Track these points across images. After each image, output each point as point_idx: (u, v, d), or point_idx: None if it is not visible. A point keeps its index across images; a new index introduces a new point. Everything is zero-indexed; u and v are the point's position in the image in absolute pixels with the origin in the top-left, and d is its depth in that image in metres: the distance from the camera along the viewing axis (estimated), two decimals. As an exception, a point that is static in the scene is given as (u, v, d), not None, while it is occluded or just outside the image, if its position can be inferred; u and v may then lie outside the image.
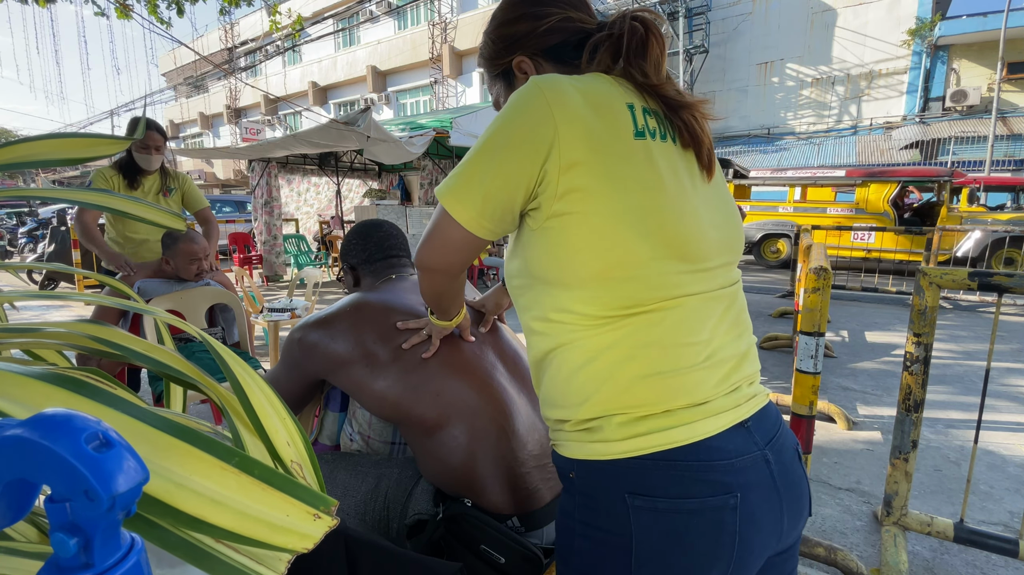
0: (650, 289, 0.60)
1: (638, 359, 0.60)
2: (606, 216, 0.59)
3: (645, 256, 0.59)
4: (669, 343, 0.60)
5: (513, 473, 0.88)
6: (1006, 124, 12.86)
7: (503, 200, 0.61)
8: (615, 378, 0.60)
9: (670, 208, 0.61)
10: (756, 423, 0.64)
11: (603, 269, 0.59)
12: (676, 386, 0.60)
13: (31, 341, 0.54)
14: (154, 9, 4.74)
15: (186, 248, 2.12)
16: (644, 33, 0.66)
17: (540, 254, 0.63)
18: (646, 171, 0.60)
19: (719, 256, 0.65)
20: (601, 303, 0.60)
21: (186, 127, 29.42)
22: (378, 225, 1.19)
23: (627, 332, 0.60)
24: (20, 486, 0.27)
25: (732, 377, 0.64)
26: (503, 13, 0.75)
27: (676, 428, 0.59)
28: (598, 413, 0.61)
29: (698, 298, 0.62)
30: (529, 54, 0.74)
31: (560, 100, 0.59)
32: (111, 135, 0.70)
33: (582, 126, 0.59)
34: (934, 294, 1.60)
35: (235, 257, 8.05)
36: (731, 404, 0.63)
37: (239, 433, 0.47)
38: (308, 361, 0.96)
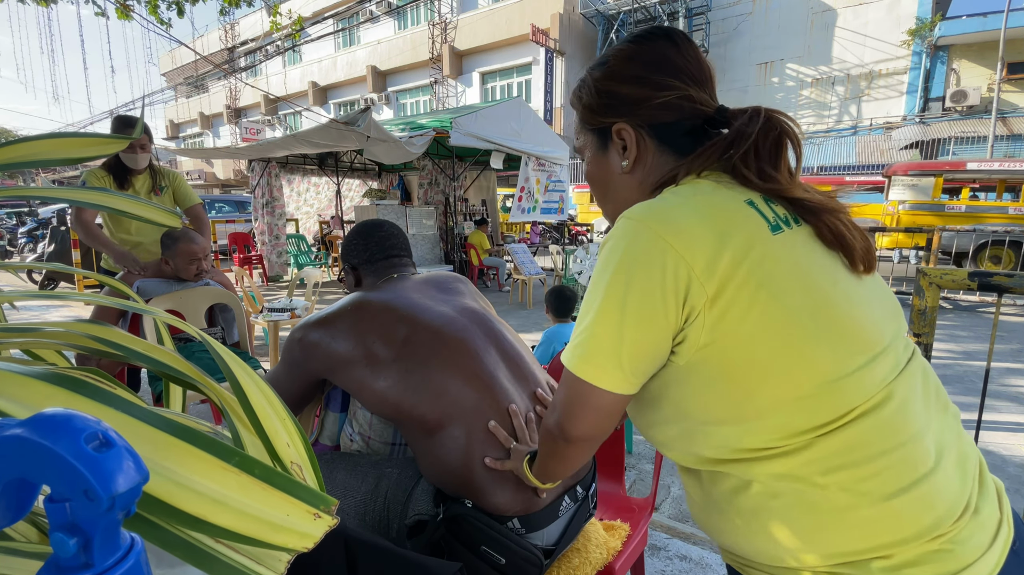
0: (852, 393, 0.50)
1: (872, 477, 0.49)
2: (771, 329, 0.51)
3: (828, 359, 0.51)
4: (895, 445, 0.50)
5: (514, 474, 0.88)
6: (1006, 124, 12.87)
7: (650, 352, 0.55)
8: (851, 508, 0.49)
9: (830, 296, 0.53)
10: (1019, 536, 0.53)
11: (790, 390, 0.51)
12: (930, 501, 0.49)
13: (31, 341, 0.54)
14: (154, 9, 4.74)
15: (186, 248, 2.12)
16: (779, 135, 0.59)
17: (696, 392, 0.55)
18: (796, 266, 0.53)
19: (890, 328, 0.56)
20: (791, 430, 0.51)
21: (186, 127, 29.41)
22: (379, 225, 1.19)
23: (844, 447, 0.50)
24: (20, 486, 0.27)
25: (968, 465, 0.53)
26: (619, 65, 0.66)
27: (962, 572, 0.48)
28: (845, 558, 0.50)
29: (899, 382, 0.53)
30: (635, 124, 0.65)
31: (672, 228, 0.53)
32: (110, 135, 0.70)
33: (710, 244, 0.52)
34: (934, 294, 1.60)
35: (235, 257, 8.04)
36: (993, 517, 0.52)
37: (239, 433, 0.47)
38: (309, 360, 0.96)
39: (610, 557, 1.03)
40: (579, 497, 0.95)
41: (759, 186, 0.57)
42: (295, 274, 7.01)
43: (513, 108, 7.17)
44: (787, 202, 0.58)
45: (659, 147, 0.65)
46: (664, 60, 0.64)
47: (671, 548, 1.66)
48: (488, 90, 17.84)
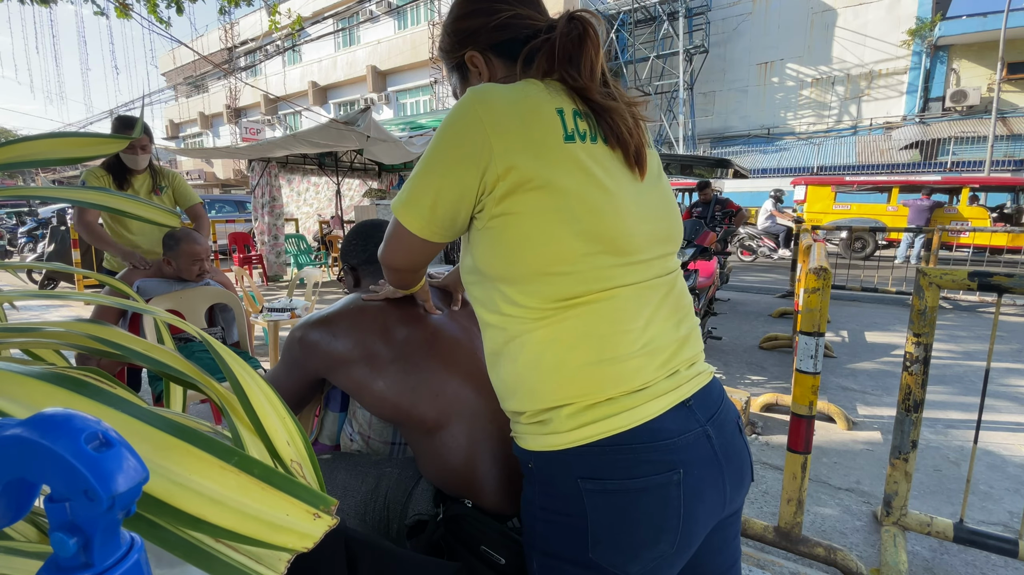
0: (585, 282, 0.64)
1: (579, 349, 0.64)
2: (541, 216, 0.63)
3: (579, 252, 0.63)
4: (606, 332, 0.64)
5: (513, 474, 0.88)
6: (1006, 124, 12.87)
7: (449, 209, 0.66)
8: (560, 370, 0.65)
9: (599, 207, 0.64)
10: (698, 401, 0.68)
11: (541, 265, 0.64)
12: (616, 373, 0.64)
13: (31, 340, 0.54)
14: (154, 8, 4.74)
15: (188, 249, 2.12)
16: (580, 35, 0.68)
17: (486, 251, 0.67)
18: (576, 173, 0.64)
19: (653, 248, 0.69)
20: (542, 296, 0.65)
21: (186, 127, 29.40)
22: (378, 226, 1.19)
23: (568, 325, 0.65)
24: (20, 486, 0.27)
25: (672, 362, 0.68)
26: (459, 7, 0.78)
27: (619, 415, 0.63)
28: (548, 405, 0.65)
29: (632, 288, 0.66)
30: (480, 49, 0.77)
31: (491, 113, 0.62)
32: (110, 135, 0.70)
33: (514, 135, 0.62)
34: (934, 294, 1.60)
35: (235, 257, 8.04)
36: (671, 386, 0.67)
37: (239, 433, 0.47)
38: (308, 360, 0.96)
39: (610, 557, 1.03)
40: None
41: (572, 84, 0.67)
42: (295, 274, 7.01)
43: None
44: (586, 104, 0.68)
45: (505, 63, 0.76)
46: None
47: (671, 548, 1.66)
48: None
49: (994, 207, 9.86)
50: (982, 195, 9.87)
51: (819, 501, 2.05)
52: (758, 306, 5.84)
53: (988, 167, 12.11)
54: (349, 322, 0.95)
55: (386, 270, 0.82)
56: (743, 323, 5.00)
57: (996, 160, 12.53)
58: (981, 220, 9.22)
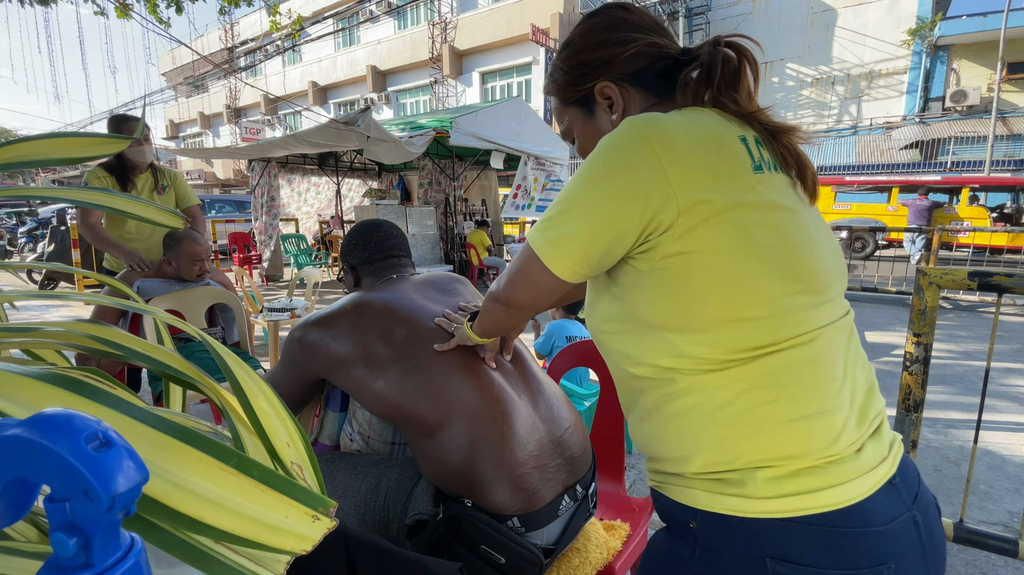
0: (784, 327, 0.56)
1: (783, 402, 0.55)
2: (731, 255, 0.55)
3: (776, 293, 0.56)
4: (811, 381, 0.56)
5: (513, 473, 0.88)
6: (1006, 124, 12.86)
7: (603, 251, 0.59)
8: (760, 425, 0.56)
9: (796, 242, 0.58)
10: (902, 477, 0.59)
11: (731, 310, 0.56)
12: (825, 430, 0.55)
13: (31, 341, 0.54)
14: (153, 8, 4.74)
15: (189, 249, 2.12)
16: (737, 60, 0.63)
17: (652, 296, 0.59)
18: (769, 206, 0.57)
19: (837, 285, 0.62)
20: (728, 346, 0.56)
21: (186, 127, 29.40)
22: (378, 225, 1.19)
23: (764, 372, 0.56)
24: (20, 486, 0.27)
25: (869, 413, 0.60)
26: (581, 39, 0.72)
27: (830, 489, 0.54)
28: (740, 464, 0.56)
29: (831, 329, 0.59)
30: (614, 79, 0.70)
31: (666, 143, 0.56)
32: (110, 134, 0.70)
33: (698, 167, 0.56)
34: (934, 294, 1.60)
35: (235, 257, 8.04)
36: (878, 455, 0.58)
37: (239, 433, 0.47)
38: (308, 360, 0.96)
39: (610, 557, 1.03)
40: (579, 496, 0.95)
41: (736, 111, 0.62)
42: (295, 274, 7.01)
43: (513, 108, 7.17)
44: (759, 127, 0.62)
45: (641, 92, 0.70)
46: (620, 21, 0.70)
47: (671, 548, 1.66)
48: (488, 90, 17.84)
49: (994, 207, 9.87)
50: (982, 195, 9.88)
51: (819, 501, 2.04)
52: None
53: (988, 167, 12.11)
54: (349, 322, 0.95)
55: (506, 309, 0.74)
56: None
57: (996, 160, 12.53)
58: (981, 220, 9.22)
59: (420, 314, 0.98)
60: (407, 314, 0.97)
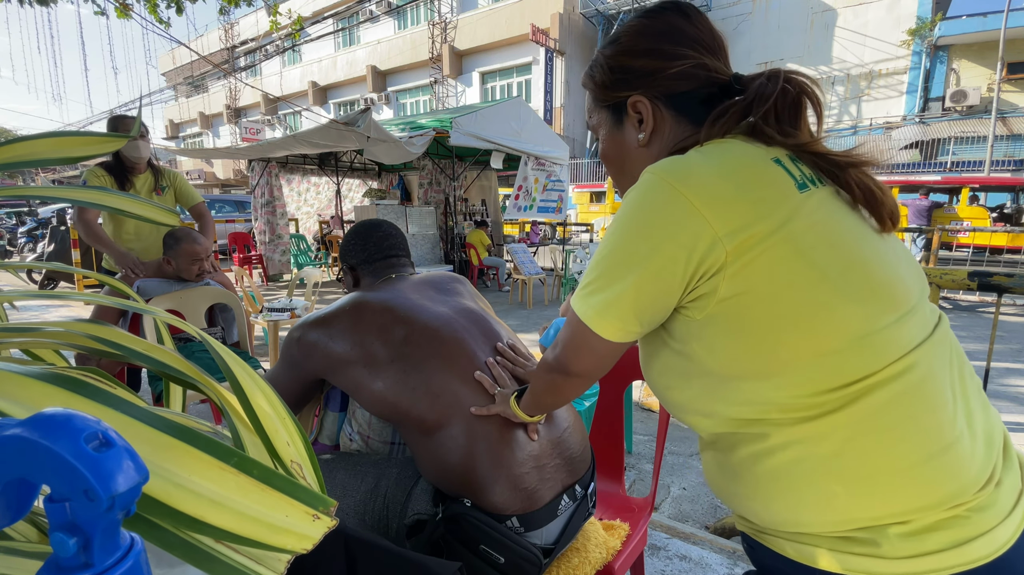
0: (875, 355, 0.50)
1: (897, 444, 0.48)
2: (798, 283, 0.50)
3: (857, 317, 0.50)
4: (924, 414, 0.49)
5: (512, 473, 0.88)
6: (1006, 124, 12.86)
7: (652, 307, 0.56)
8: (877, 476, 0.49)
9: (861, 255, 0.53)
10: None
11: (812, 345, 0.50)
12: (954, 469, 0.48)
13: (31, 340, 0.54)
14: (153, 8, 4.74)
15: (188, 249, 2.12)
16: (797, 95, 0.59)
17: (719, 345, 0.54)
18: (823, 223, 0.53)
19: (917, 290, 0.56)
20: (815, 387, 0.50)
21: (186, 127, 29.40)
22: (377, 225, 1.19)
23: (868, 415, 0.49)
24: (20, 486, 0.27)
25: (994, 435, 0.53)
26: (630, 40, 0.65)
27: (974, 541, 0.47)
28: (865, 522, 0.49)
29: (927, 347, 0.52)
30: (650, 96, 0.65)
31: (693, 184, 0.52)
32: (110, 134, 0.70)
33: (735, 203, 0.52)
34: (934, 294, 1.60)
35: (235, 257, 8.04)
36: (1014, 489, 0.51)
37: (239, 433, 0.47)
38: (307, 360, 0.96)
39: (610, 557, 1.03)
40: (578, 496, 0.95)
41: (782, 142, 0.57)
42: (295, 274, 7.01)
43: (513, 108, 7.17)
44: (812, 157, 0.57)
45: (676, 117, 0.65)
46: (676, 30, 0.63)
47: (671, 548, 1.66)
48: (488, 90, 17.83)
49: (994, 207, 9.87)
50: (982, 195, 9.88)
51: (819, 501, 2.04)
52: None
53: (988, 167, 12.11)
54: (348, 322, 0.95)
55: (564, 378, 0.67)
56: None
57: (996, 160, 12.53)
58: (981, 220, 9.23)
59: (419, 314, 0.98)
60: (406, 314, 0.97)
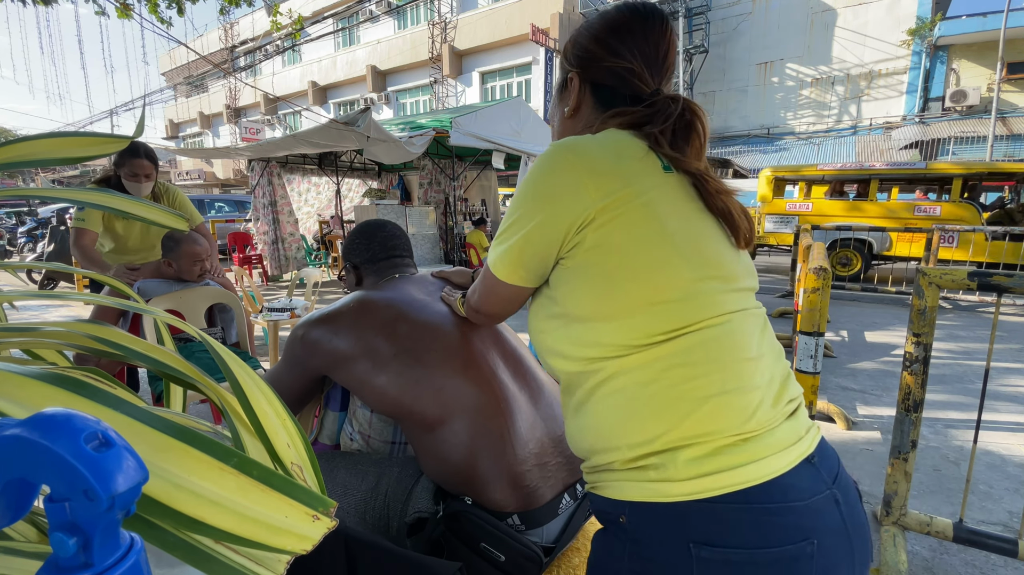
0: (699, 308, 0.60)
1: (701, 378, 0.57)
2: (648, 241, 0.60)
3: (690, 277, 0.60)
4: (729, 359, 0.58)
5: (514, 471, 0.88)
6: (1006, 124, 12.86)
7: (542, 255, 0.65)
8: (678, 402, 0.57)
9: (705, 231, 0.63)
10: (820, 457, 0.60)
11: (649, 295, 0.59)
12: (743, 406, 0.57)
13: (31, 340, 0.54)
14: (154, 8, 4.74)
15: (189, 250, 2.13)
16: (691, 120, 0.67)
17: (577, 290, 0.63)
18: (678, 200, 0.63)
19: (746, 280, 0.66)
20: (646, 330, 0.59)
21: (185, 127, 29.40)
22: (382, 225, 1.20)
23: (681, 350, 0.58)
24: (19, 486, 0.27)
25: (784, 397, 0.62)
26: (598, 25, 0.74)
27: (750, 464, 0.55)
28: (660, 446, 0.57)
29: (742, 315, 0.63)
30: (582, 78, 0.74)
31: (582, 157, 0.62)
32: (110, 134, 0.70)
33: (611, 171, 0.61)
34: (933, 294, 1.60)
35: (235, 257, 8.04)
36: (794, 435, 0.59)
37: (239, 434, 0.47)
38: (310, 357, 0.96)
39: (610, 557, 1.03)
40: (579, 495, 0.95)
41: (667, 154, 0.65)
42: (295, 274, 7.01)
43: (513, 108, 7.17)
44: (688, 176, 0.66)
45: (594, 105, 0.74)
46: (627, 32, 0.71)
47: (671, 548, 1.66)
48: (488, 90, 17.84)
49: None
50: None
51: (819, 501, 2.04)
52: (758, 306, 5.83)
53: (988, 167, 12.10)
54: (351, 319, 0.95)
55: (481, 316, 0.84)
56: (743, 323, 4.99)
57: (996, 160, 12.53)
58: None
59: (422, 311, 0.98)
60: (409, 310, 0.97)
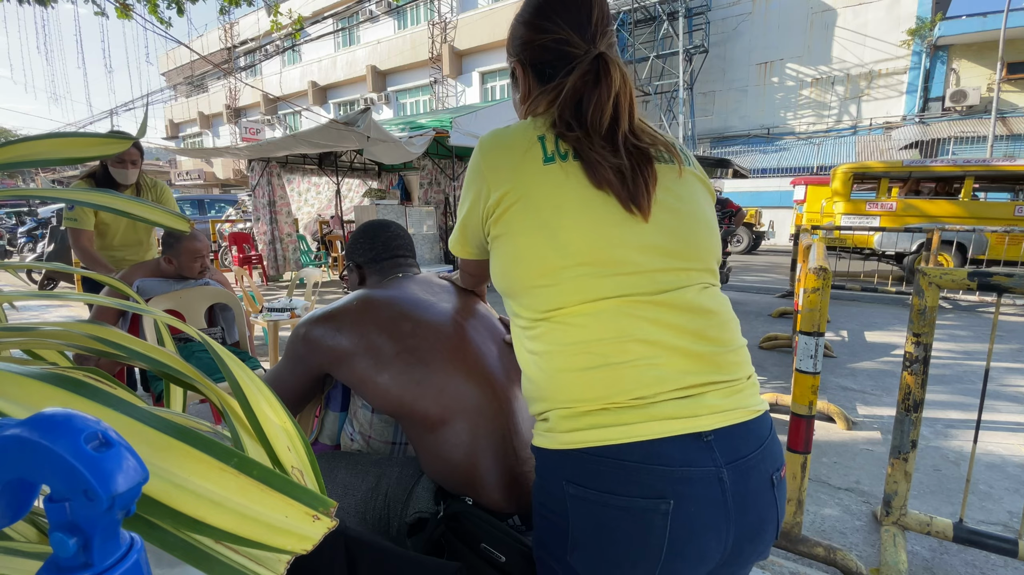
0: (569, 294, 0.66)
1: (570, 356, 0.66)
2: (525, 234, 0.68)
3: (557, 265, 0.66)
4: (593, 340, 0.65)
5: (514, 471, 0.88)
6: (1005, 124, 12.87)
7: (473, 236, 0.78)
8: (557, 374, 0.67)
9: (577, 221, 0.67)
10: (721, 439, 0.63)
11: (530, 278, 0.69)
12: (610, 380, 0.64)
13: (30, 340, 0.54)
14: (154, 8, 4.74)
15: (190, 246, 2.12)
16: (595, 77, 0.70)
17: (494, 268, 0.75)
18: (552, 191, 0.68)
19: (651, 262, 0.67)
20: (534, 308, 0.69)
21: (185, 127, 29.39)
22: (386, 225, 1.20)
23: (560, 332, 0.67)
24: (19, 486, 0.27)
25: (686, 380, 0.64)
26: (524, 9, 0.77)
27: (614, 427, 0.63)
28: (547, 407, 0.68)
29: (629, 300, 0.66)
30: (523, 63, 0.78)
31: (486, 156, 0.72)
32: (110, 134, 0.70)
33: (503, 168, 0.70)
34: (933, 294, 1.60)
35: (235, 257, 8.03)
36: (686, 411, 0.63)
37: (239, 436, 0.47)
38: (312, 355, 0.96)
39: (610, 557, 1.03)
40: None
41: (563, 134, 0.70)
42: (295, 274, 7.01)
43: (513, 108, 7.16)
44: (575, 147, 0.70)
45: (537, 82, 0.77)
46: (548, 7, 0.74)
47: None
48: (488, 90, 17.83)
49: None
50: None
51: (819, 501, 2.05)
52: (758, 306, 5.85)
53: (988, 167, 12.10)
54: (353, 317, 0.95)
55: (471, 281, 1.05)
56: (743, 323, 4.99)
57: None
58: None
59: (424, 310, 0.98)
60: (412, 309, 0.97)
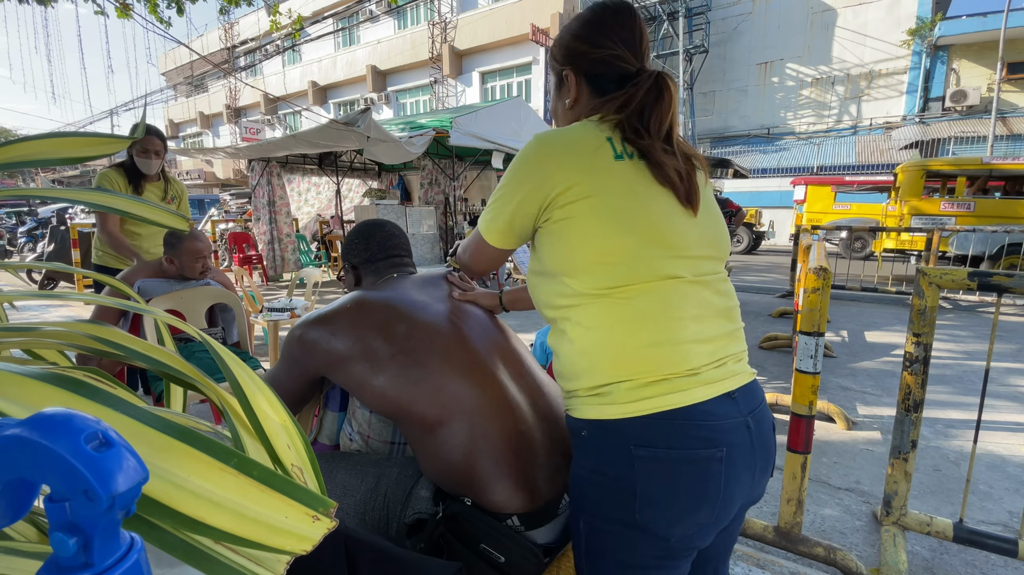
0: (637, 271, 0.74)
1: (636, 332, 0.73)
2: (595, 218, 0.75)
3: (630, 246, 0.74)
4: (660, 317, 0.73)
5: (513, 471, 0.88)
6: (1006, 124, 12.87)
7: (520, 225, 0.81)
8: (621, 349, 0.73)
9: (646, 209, 0.76)
10: (742, 395, 0.77)
11: (599, 256, 0.74)
12: (671, 355, 0.73)
13: (31, 340, 0.54)
14: (154, 8, 4.74)
15: (192, 247, 2.13)
16: (658, 94, 0.79)
17: (551, 249, 0.79)
18: (624, 183, 0.76)
19: (701, 248, 0.78)
20: (599, 283, 0.74)
21: (186, 126, 29.38)
22: (381, 225, 1.20)
23: (624, 309, 0.74)
24: (19, 486, 0.27)
25: (719, 353, 0.76)
26: (576, 25, 0.86)
27: (674, 394, 0.72)
28: (608, 380, 0.74)
29: (682, 281, 0.75)
30: (575, 72, 0.86)
31: (550, 150, 0.77)
32: (110, 134, 0.70)
33: (570, 161, 0.76)
34: (934, 294, 1.60)
35: (235, 257, 8.03)
36: (720, 376, 0.75)
37: (239, 435, 0.47)
38: (308, 358, 0.96)
39: (610, 557, 1.03)
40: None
41: (627, 137, 0.78)
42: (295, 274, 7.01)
43: (513, 108, 7.17)
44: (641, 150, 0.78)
45: (591, 93, 0.86)
46: (603, 24, 0.84)
47: (671, 548, 1.66)
48: (488, 90, 17.83)
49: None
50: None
51: (819, 501, 2.05)
52: (758, 306, 5.84)
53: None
54: (348, 319, 0.95)
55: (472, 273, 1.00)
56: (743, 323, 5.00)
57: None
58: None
59: (420, 311, 0.98)
60: (407, 311, 0.97)
